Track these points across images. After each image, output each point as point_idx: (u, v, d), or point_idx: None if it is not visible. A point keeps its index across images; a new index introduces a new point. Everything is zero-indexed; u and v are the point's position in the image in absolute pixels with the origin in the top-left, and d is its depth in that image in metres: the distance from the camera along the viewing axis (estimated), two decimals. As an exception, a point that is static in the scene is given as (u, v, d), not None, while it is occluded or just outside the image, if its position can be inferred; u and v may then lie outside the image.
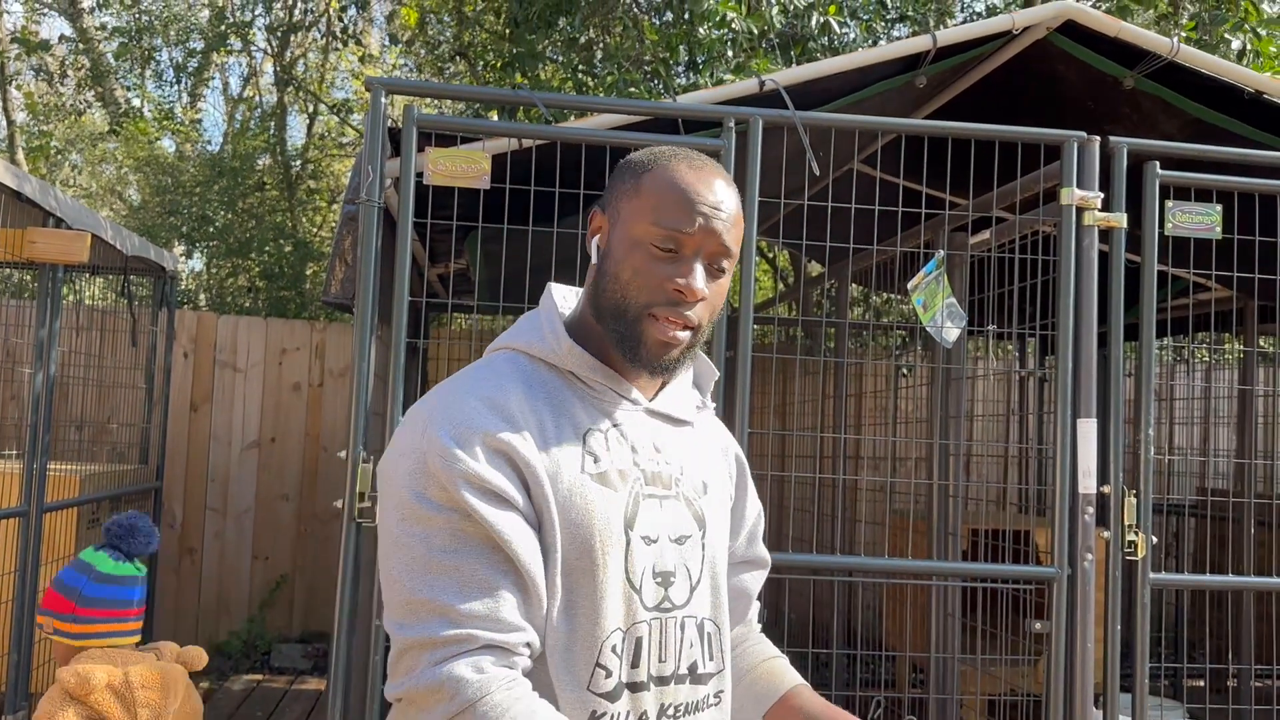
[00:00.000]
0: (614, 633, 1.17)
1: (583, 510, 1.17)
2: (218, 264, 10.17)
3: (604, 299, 1.25)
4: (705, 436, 1.38)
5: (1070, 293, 2.90)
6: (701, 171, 1.26)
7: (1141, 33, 3.44)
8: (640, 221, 1.24)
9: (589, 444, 1.21)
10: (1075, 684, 2.85)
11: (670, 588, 1.23)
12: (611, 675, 1.17)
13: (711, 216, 1.23)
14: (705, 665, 1.27)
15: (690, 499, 1.28)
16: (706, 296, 1.24)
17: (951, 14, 7.32)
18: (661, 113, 2.93)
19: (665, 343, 1.22)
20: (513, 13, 6.95)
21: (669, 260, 1.23)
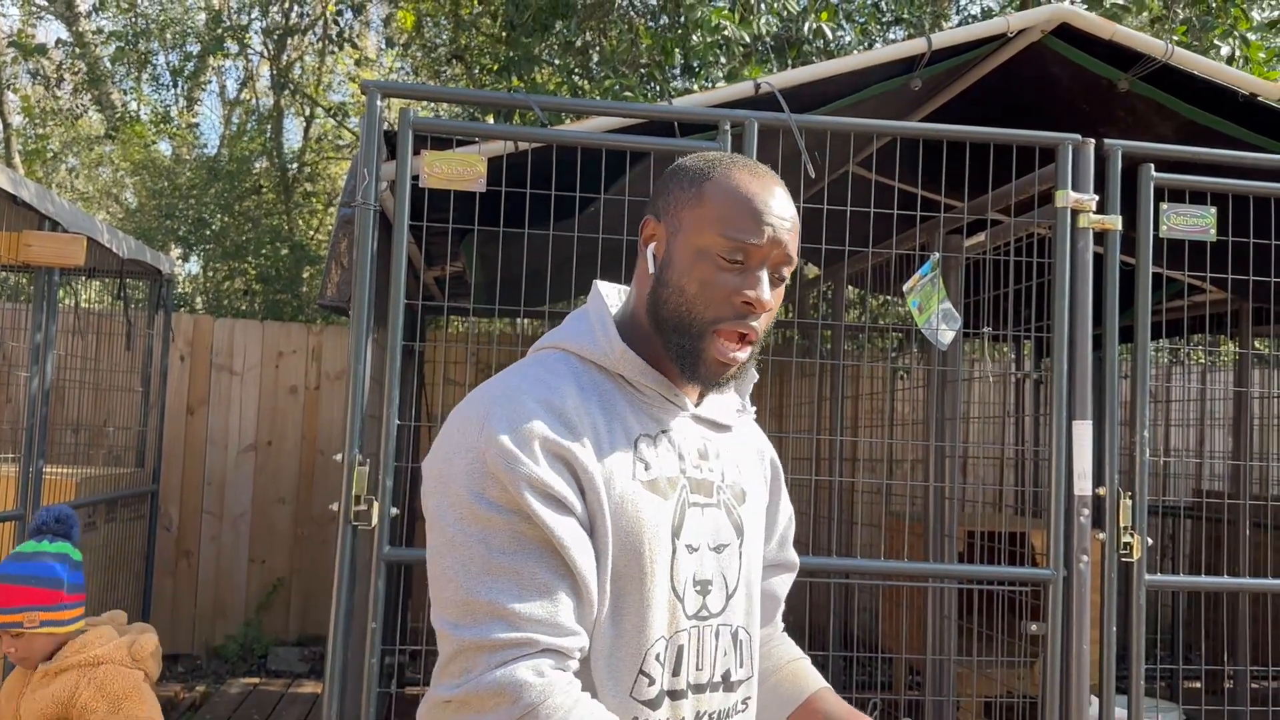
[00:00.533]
0: (658, 641, 1.18)
1: (634, 518, 1.17)
2: (214, 267, 10.17)
3: (665, 310, 1.23)
4: (744, 440, 1.38)
5: (1065, 295, 2.91)
6: (765, 180, 1.25)
7: (1136, 35, 3.45)
8: (706, 232, 1.21)
9: (640, 450, 1.21)
10: (1071, 685, 2.86)
11: (708, 596, 1.23)
12: (655, 683, 1.18)
13: (779, 227, 1.22)
14: (737, 673, 1.28)
15: (730, 507, 1.28)
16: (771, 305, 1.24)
17: (946, 17, 7.34)
18: (657, 116, 2.94)
19: (725, 364, 1.22)
20: (509, 16, 6.96)
21: (736, 272, 1.21)
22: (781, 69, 6.06)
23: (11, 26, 10.80)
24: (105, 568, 4.80)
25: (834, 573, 4.45)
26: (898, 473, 6.74)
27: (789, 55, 6.26)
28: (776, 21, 5.97)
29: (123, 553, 5.06)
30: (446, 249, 4.28)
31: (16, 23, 10.70)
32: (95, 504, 4.62)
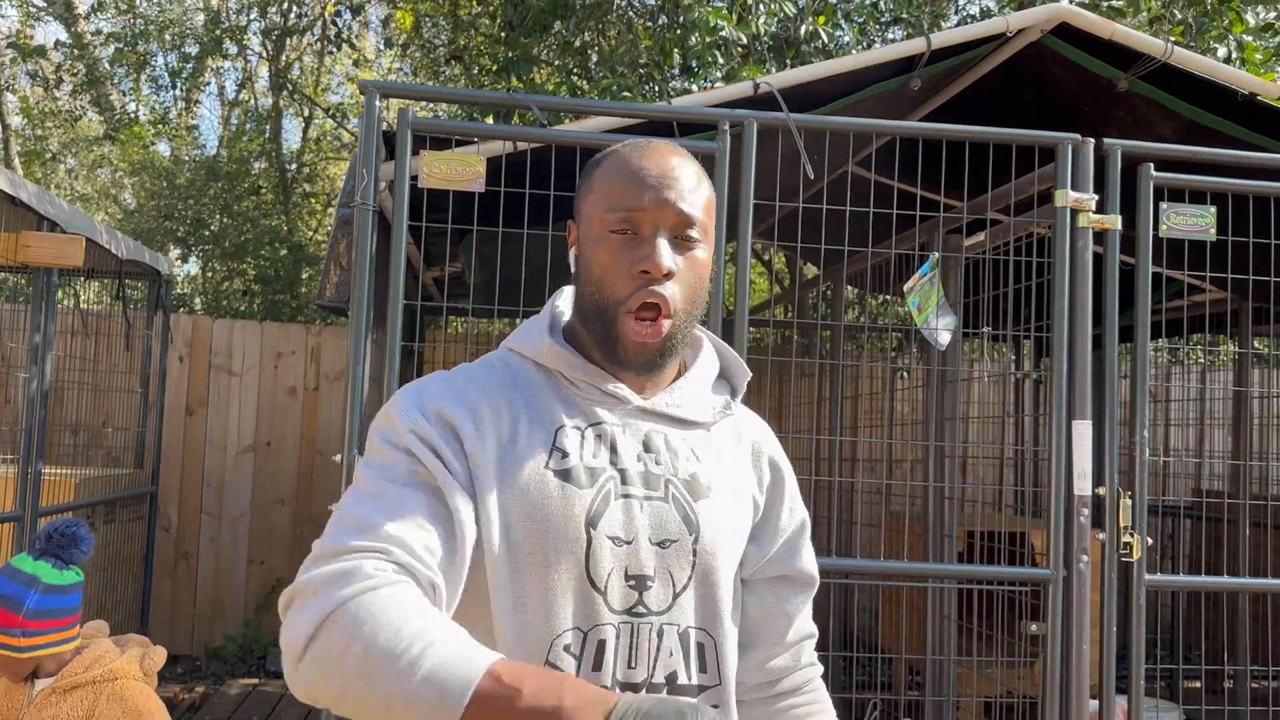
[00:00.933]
0: (568, 632, 1.16)
1: (538, 504, 1.16)
2: (213, 268, 10.16)
3: (585, 303, 1.26)
4: (727, 439, 1.34)
5: (1065, 294, 2.91)
6: (647, 150, 1.26)
7: (1135, 34, 3.45)
8: (596, 214, 1.25)
9: (559, 440, 1.21)
10: (1071, 685, 2.86)
11: (646, 592, 1.19)
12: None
13: (661, 187, 1.22)
14: (689, 677, 1.21)
15: (682, 502, 1.23)
16: (677, 271, 1.23)
17: (945, 16, 7.33)
18: (656, 115, 2.93)
19: (641, 343, 1.22)
20: (508, 16, 6.95)
21: (630, 244, 1.22)
22: (780, 69, 6.05)
23: (10, 27, 10.79)
24: (104, 569, 4.79)
25: (834, 573, 4.45)
26: (897, 473, 6.74)
27: (787, 55, 6.26)
28: (774, 22, 5.97)
29: (122, 554, 5.05)
30: (445, 249, 4.27)
31: (15, 23, 10.69)
32: (94, 505, 4.61)
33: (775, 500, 1.38)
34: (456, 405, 1.21)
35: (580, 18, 6.83)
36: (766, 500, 1.37)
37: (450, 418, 1.19)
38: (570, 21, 6.79)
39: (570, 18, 6.76)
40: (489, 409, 1.22)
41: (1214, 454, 7.01)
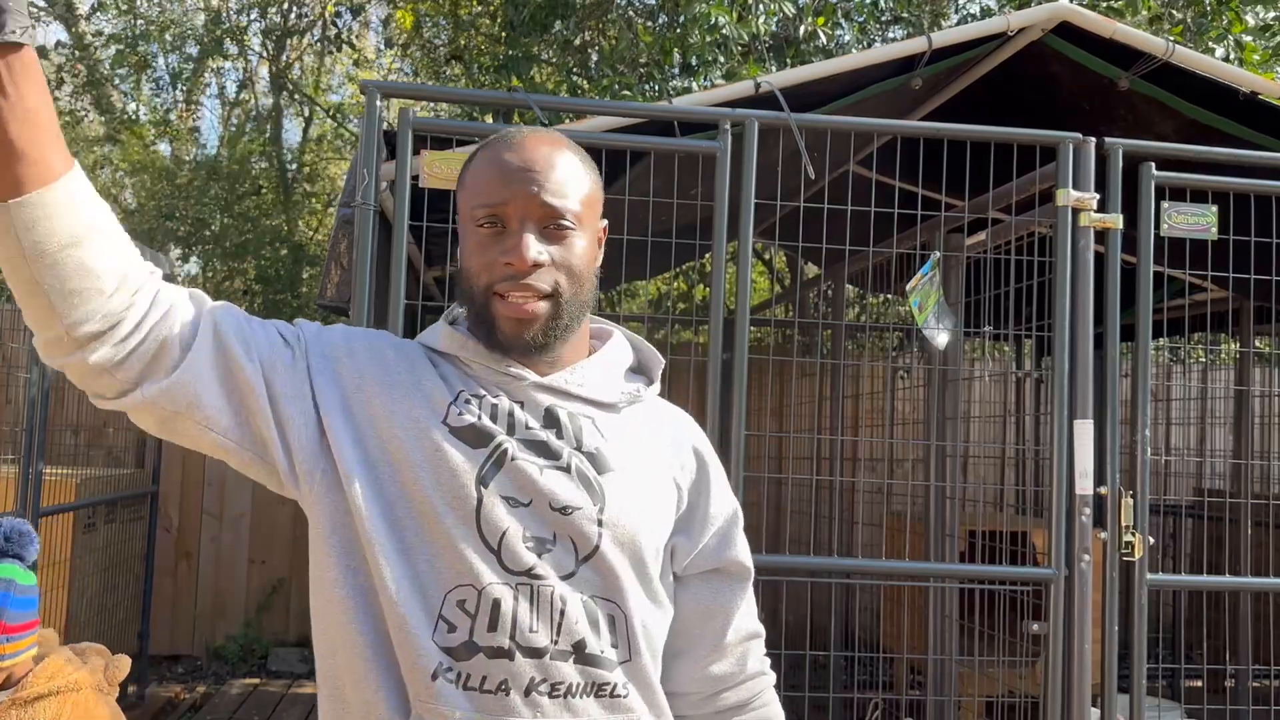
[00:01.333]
0: (460, 588, 1.15)
1: (429, 455, 1.18)
2: (213, 268, 10.16)
3: (460, 292, 1.28)
4: (640, 424, 1.32)
5: (1066, 294, 2.90)
6: (517, 141, 1.25)
7: (1136, 33, 3.45)
8: (466, 208, 1.26)
9: (456, 403, 1.22)
10: (1073, 685, 2.85)
11: (546, 554, 1.18)
12: (456, 630, 1.14)
13: (525, 181, 1.22)
14: (599, 648, 1.19)
15: (586, 473, 1.22)
16: (548, 263, 1.22)
17: (945, 15, 7.33)
18: (657, 115, 2.93)
19: (518, 319, 1.22)
20: (508, 16, 6.95)
21: (497, 236, 1.23)
22: (780, 69, 6.05)
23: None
24: (105, 569, 4.79)
25: (835, 572, 4.45)
26: (898, 472, 6.74)
27: (787, 55, 6.26)
28: (774, 21, 5.97)
29: (123, 554, 5.05)
30: (446, 249, 4.27)
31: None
32: (95, 505, 4.61)
33: (701, 490, 1.35)
34: (356, 342, 1.25)
35: (580, 17, 6.83)
36: (692, 490, 1.34)
37: (340, 346, 1.24)
38: (570, 21, 6.78)
39: (570, 17, 6.76)
40: (397, 359, 1.25)
41: (1215, 453, 7.01)
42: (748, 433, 2.82)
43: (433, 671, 1.13)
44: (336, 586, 1.18)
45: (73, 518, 4.39)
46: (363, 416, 1.20)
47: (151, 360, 1.12)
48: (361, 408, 1.20)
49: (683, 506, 1.33)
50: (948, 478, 3.85)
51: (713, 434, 2.78)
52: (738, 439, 2.79)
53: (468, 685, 1.14)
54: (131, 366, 1.11)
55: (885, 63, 3.35)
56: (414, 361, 1.26)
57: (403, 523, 1.17)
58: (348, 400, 1.21)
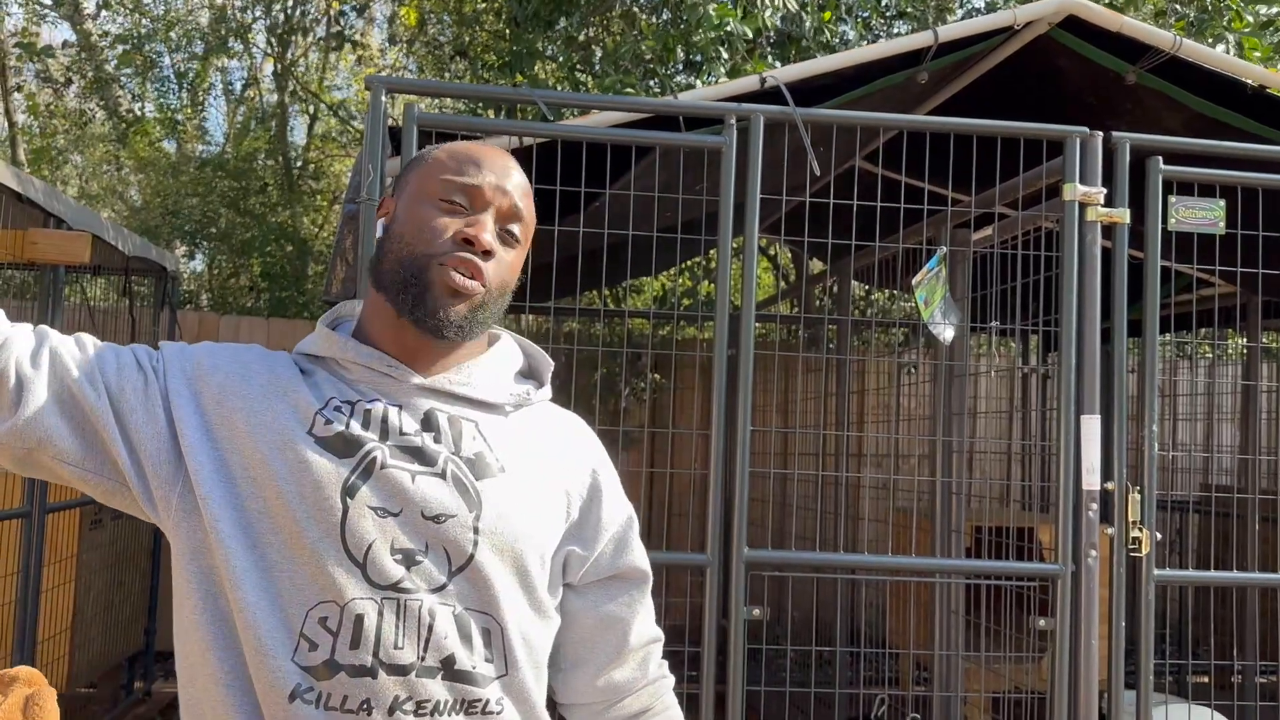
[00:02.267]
0: (322, 605, 1.11)
1: (292, 468, 1.13)
2: (219, 264, 10.18)
3: (386, 263, 1.22)
4: (529, 429, 1.28)
5: (1073, 289, 2.89)
6: (489, 146, 1.28)
7: (1144, 27, 3.44)
8: (427, 183, 1.23)
9: (324, 411, 1.18)
10: (1079, 681, 2.85)
11: (414, 567, 1.13)
12: (318, 649, 1.10)
13: (501, 175, 1.23)
14: (471, 664, 1.14)
15: (462, 479, 1.17)
16: (497, 253, 1.22)
17: (951, 10, 7.31)
18: (662, 110, 2.92)
19: (455, 289, 1.18)
20: (512, 12, 6.94)
21: (457, 215, 1.21)
22: (785, 64, 6.04)
23: (15, 24, 10.80)
24: (112, 565, 4.80)
25: (840, 568, 4.44)
26: (904, 468, 6.73)
27: (791, 50, 6.24)
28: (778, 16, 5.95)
29: (129, 550, 5.06)
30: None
31: (21, 21, 10.70)
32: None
33: (594, 498, 1.31)
34: (219, 360, 1.22)
35: (585, 12, 6.82)
36: (585, 499, 1.30)
37: (203, 365, 1.21)
38: (575, 17, 6.77)
39: (575, 13, 6.75)
40: (262, 372, 1.21)
41: (1222, 448, 6.99)
42: (753, 429, 2.82)
43: (290, 692, 1.09)
44: (195, 613, 1.14)
45: (79, 514, 4.39)
46: (224, 434, 1.16)
47: None
48: (223, 425, 1.16)
49: (573, 516, 1.28)
50: (954, 473, 3.85)
51: (718, 430, 2.77)
52: (743, 435, 2.79)
53: (328, 705, 1.10)
54: None
55: (891, 57, 3.34)
56: (280, 372, 1.22)
57: (265, 540, 1.12)
58: (207, 419, 1.16)
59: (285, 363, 1.24)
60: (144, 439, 1.15)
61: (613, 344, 6.97)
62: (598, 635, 1.32)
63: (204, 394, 1.18)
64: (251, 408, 1.17)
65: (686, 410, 6.85)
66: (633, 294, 9.77)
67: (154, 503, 1.17)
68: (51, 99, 10.63)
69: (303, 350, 1.27)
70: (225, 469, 1.14)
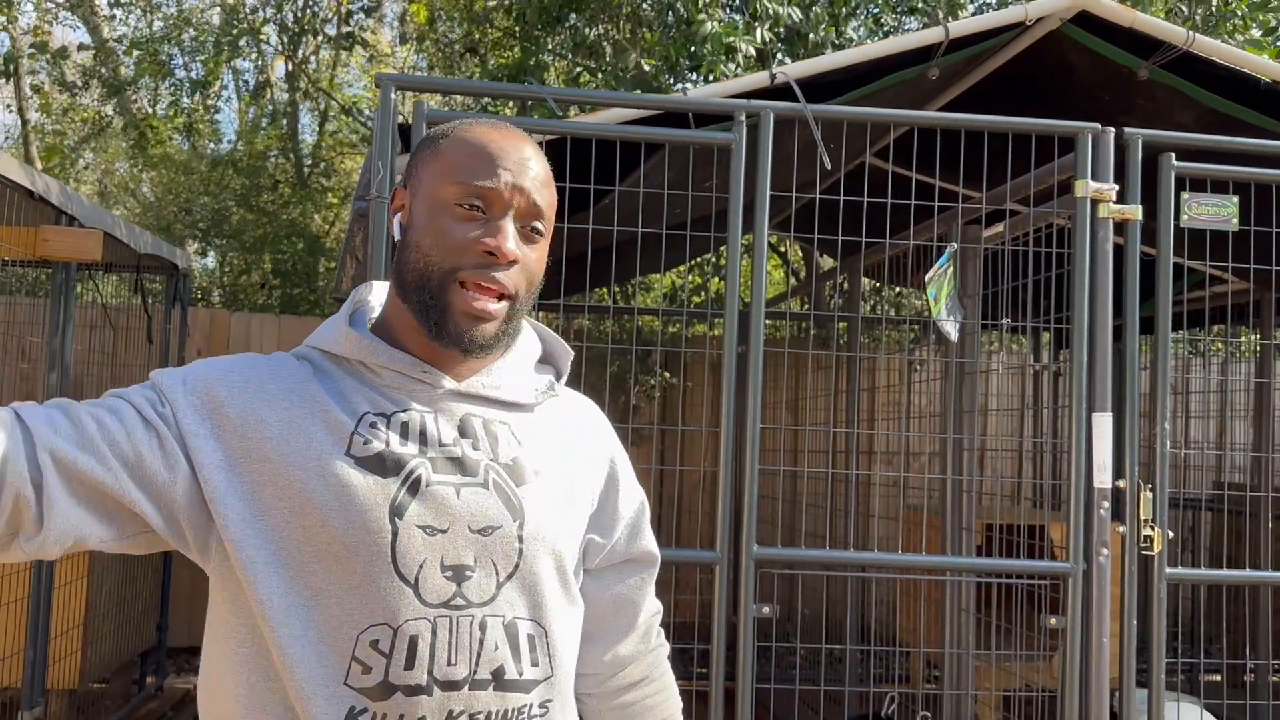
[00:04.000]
0: (374, 628, 1.09)
1: (337, 492, 1.10)
2: (231, 261, 10.21)
3: (407, 272, 1.17)
4: (553, 422, 1.27)
5: (1085, 286, 2.88)
6: (506, 132, 1.19)
7: (1156, 23, 3.42)
8: (442, 183, 1.16)
9: (360, 428, 1.13)
10: (1091, 679, 2.84)
11: (465, 583, 1.12)
12: (372, 671, 1.09)
13: (519, 172, 1.16)
14: (520, 671, 1.15)
15: (504, 487, 1.17)
16: (520, 259, 1.16)
17: (962, 5, 7.28)
18: (671, 107, 2.92)
19: (475, 315, 1.14)
20: (521, 10, 6.94)
21: (476, 221, 1.15)
22: (794, 60, 6.02)
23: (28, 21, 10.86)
24: (124, 561, 4.83)
25: (851, 566, 4.44)
26: (915, 465, 6.71)
27: (800, 46, 6.23)
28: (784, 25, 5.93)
29: (141, 546, 5.09)
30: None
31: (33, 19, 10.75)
32: (114, 498, 4.64)
33: (611, 487, 1.32)
34: (230, 384, 1.13)
35: (594, 10, 6.81)
36: (604, 487, 1.31)
37: (215, 395, 1.12)
38: (585, 14, 6.77)
39: (585, 11, 6.75)
40: (279, 391, 1.14)
41: (1235, 446, 6.96)
42: (763, 426, 2.81)
43: (345, 715, 1.09)
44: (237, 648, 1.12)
45: None
46: (253, 468, 1.11)
47: (10, 519, 1.03)
48: (250, 458, 1.11)
49: (594, 506, 1.30)
50: (964, 471, 3.83)
51: (728, 427, 2.77)
52: (753, 432, 2.78)
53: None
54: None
55: (902, 53, 3.33)
56: (301, 385, 1.15)
57: (308, 569, 1.10)
58: (231, 455, 1.11)
59: (298, 372, 1.18)
60: (173, 496, 1.10)
61: (622, 341, 6.97)
62: (609, 615, 1.36)
63: (224, 428, 1.12)
64: (281, 435, 1.12)
65: (696, 407, 6.85)
66: (642, 291, 9.76)
67: (194, 549, 1.14)
68: (68, 102, 10.68)
69: (320, 346, 1.21)
70: (257, 504, 1.10)
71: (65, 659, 4.28)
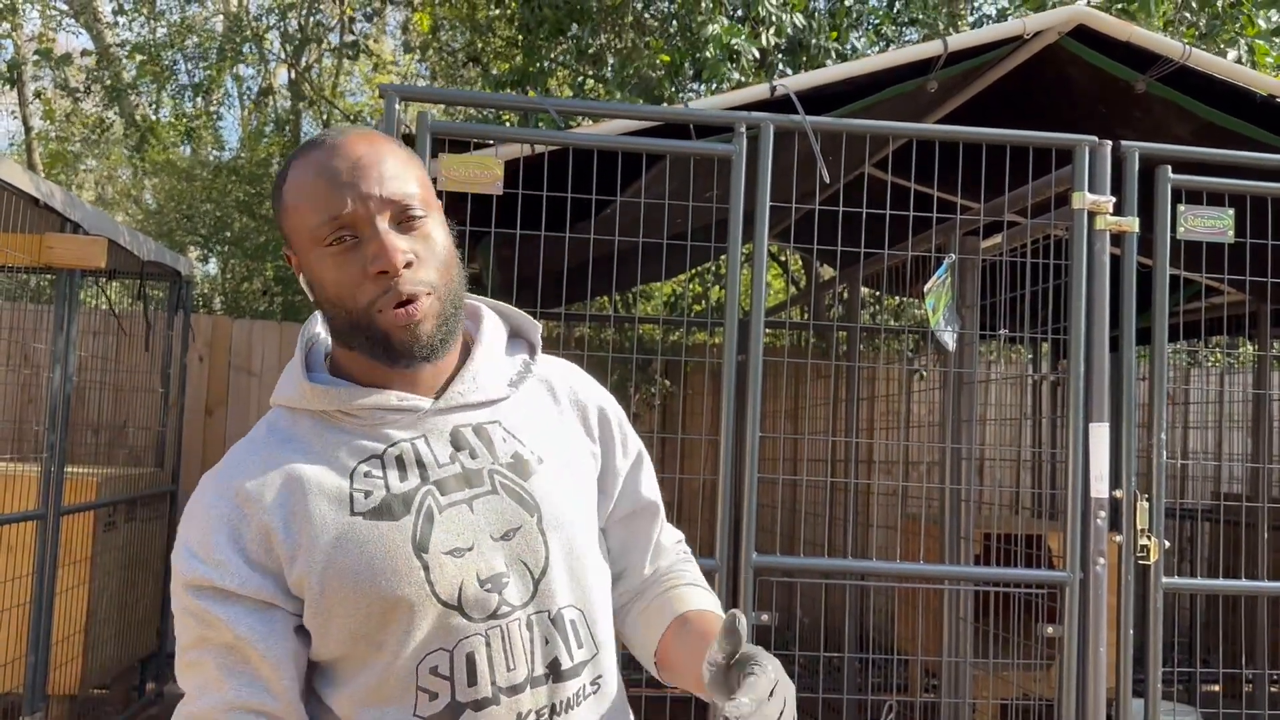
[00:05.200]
0: (431, 655, 1.13)
1: (357, 554, 1.12)
2: (233, 268, 10.24)
3: (335, 324, 1.18)
4: (536, 401, 1.27)
5: (1082, 297, 2.90)
6: (333, 146, 1.16)
7: (1153, 36, 3.45)
8: (303, 233, 1.15)
9: (357, 482, 1.15)
10: (1088, 689, 2.85)
11: (504, 590, 1.15)
12: (438, 698, 1.12)
13: (356, 181, 1.13)
14: (571, 657, 1.18)
15: (512, 486, 1.18)
16: (415, 256, 1.14)
17: (962, 17, 7.32)
18: (672, 118, 2.95)
19: (406, 326, 1.14)
20: (524, 20, 6.97)
21: (353, 248, 1.13)
22: (795, 72, 6.06)
23: (32, 28, 10.90)
24: (125, 567, 4.84)
25: (850, 574, 4.45)
26: (913, 475, 6.73)
27: (801, 57, 6.26)
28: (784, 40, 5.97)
29: (143, 552, 5.10)
30: (464, 251, 4.29)
31: (38, 26, 10.80)
32: (116, 504, 4.66)
33: (608, 443, 1.33)
34: (248, 513, 1.14)
35: (597, 21, 6.85)
36: (601, 448, 1.32)
37: (240, 530, 1.14)
38: (587, 26, 6.80)
39: (587, 23, 6.78)
40: (279, 488, 1.15)
41: (1233, 457, 6.97)
42: (762, 435, 2.83)
43: None
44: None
45: (94, 516, 4.43)
46: (292, 573, 1.14)
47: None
48: (286, 567, 1.14)
49: (598, 462, 1.31)
50: (963, 480, 3.85)
51: (727, 436, 2.79)
52: (752, 441, 2.80)
53: None
54: None
55: (901, 66, 3.35)
56: (279, 468, 1.16)
57: (362, 632, 1.13)
58: (277, 576, 1.14)
59: (277, 446, 1.18)
60: (294, 643, 1.17)
61: (623, 349, 6.99)
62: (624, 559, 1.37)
63: (261, 561, 1.14)
64: (290, 529, 1.14)
65: (696, 416, 6.86)
66: (643, 300, 9.79)
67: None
68: (70, 107, 10.71)
69: (286, 404, 1.21)
70: (311, 597, 1.13)
71: (66, 665, 4.29)
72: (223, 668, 1.12)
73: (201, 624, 1.13)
